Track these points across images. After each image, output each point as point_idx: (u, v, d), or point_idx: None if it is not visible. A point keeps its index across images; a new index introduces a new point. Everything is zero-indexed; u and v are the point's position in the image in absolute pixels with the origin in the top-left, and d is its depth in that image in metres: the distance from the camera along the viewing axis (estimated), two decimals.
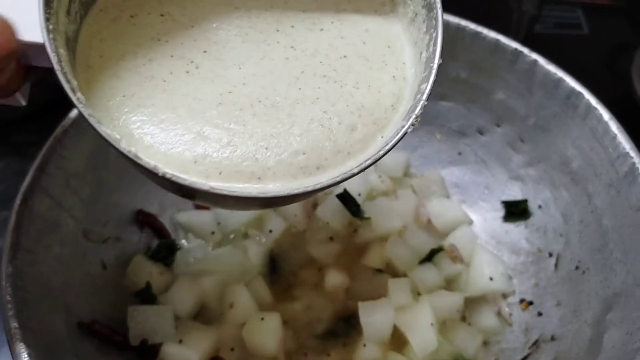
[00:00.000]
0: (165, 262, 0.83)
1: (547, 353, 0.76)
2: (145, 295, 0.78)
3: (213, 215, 0.88)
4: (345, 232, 0.86)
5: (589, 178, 0.77)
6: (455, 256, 0.84)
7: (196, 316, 0.79)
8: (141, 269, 0.80)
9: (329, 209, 0.86)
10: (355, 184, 0.87)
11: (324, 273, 0.83)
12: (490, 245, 0.88)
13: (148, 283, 0.78)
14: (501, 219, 0.89)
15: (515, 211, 0.87)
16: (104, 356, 0.71)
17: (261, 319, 0.76)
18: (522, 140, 0.86)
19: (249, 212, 0.87)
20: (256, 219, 0.87)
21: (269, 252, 0.85)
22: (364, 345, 0.77)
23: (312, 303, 0.81)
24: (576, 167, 0.79)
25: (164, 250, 0.84)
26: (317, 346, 0.79)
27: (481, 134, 0.91)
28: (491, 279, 0.82)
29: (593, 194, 0.76)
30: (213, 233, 0.86)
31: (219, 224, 0.87)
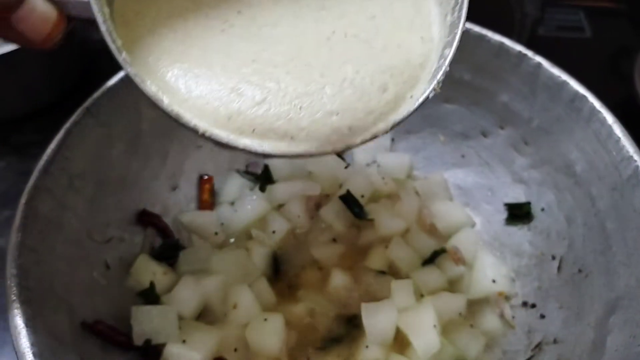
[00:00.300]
0: (169, 262, 0.83)
1: (550, 355, 0.76)
2: (149, 295, 0.78)
3: (216, 216, 0.88)
4: (348, 234, 0.87)
5: (593, 181, 0.77)
6: (458, 258, 0.84)
7: (199, 316, 0.79)
8: (145, 268, 0.80)
9: (332, 210, 0.87)
10: (358, 185, 0.87)
11: (327, 274, 0.84)
12: (493, 248, 0.88)
13: (152, 283, 0.78)
14: (504, 222, 0.89)
15: (519, 214, 0.87)
16: (107, 356, 0.71)
17: (264, 320, 0.77)
18: (526, 143, 0.86)
19: (252, 213, 0.87)
20: (259, 220, 0.87)
21: (272, 253, 0.85)
22: (367, 347, 0.77)
23: (315, 304, 0.81)
24: (580, 170, 0.79)
25: (168, 250, 0.84)
26: (320, 347, 0.79)
27: (485, 137, 0.91)
28: (494, 281, 0.82)
29: (596, 197, 0.77)
30: (216, 234, 0.86)
31: (223, 224, 0.88)
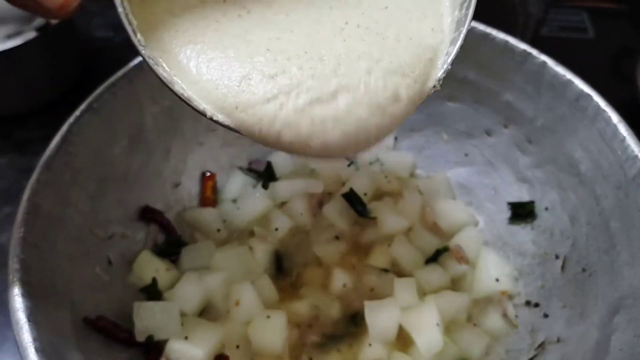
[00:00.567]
0: (172, 259, 0.83)
1: (553, 355, 0.75)
2: (151, 291, 0.78)
3: (219, 213, 0.88)
4: (351, 232, 0.87)
5: (597, 180, 0.77)
6: (461, 257, 0.84)
7: (202, 313, 0.79)
8: (147, 265, 0.80)
9: (334, 208, 0.86)
10: (361, 183, 0.87)
11: (330, 272, 0.83)
12: (497, 247, 0.88)
13: (154, 279, 0.78)
14: (507, 221, 0.89)
15: (522, 213, 0.87)
16: (109, 352, 0.71)
17: (267, 317, 0.76)
18: (530, 142, 0.86)
19: (254, 210, 0.87)
20: (262, 218, 0.87)
21: (274, 251, 0.85)
22: (370, 345, 0.76)
23: (318, 302, 0.81)
24: (584, 169, 0.79)
25: (171, 246, 0.84)
26: (322, 345, 0.78)
27: (488, 135, 0.91)
28: (497, 280, 0.82)
29: (601, 196, 0.76)
30: (219, 231, 0.86)
31: (225, 221, 0.87)
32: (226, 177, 0.93)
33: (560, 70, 0.79)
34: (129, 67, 0.79)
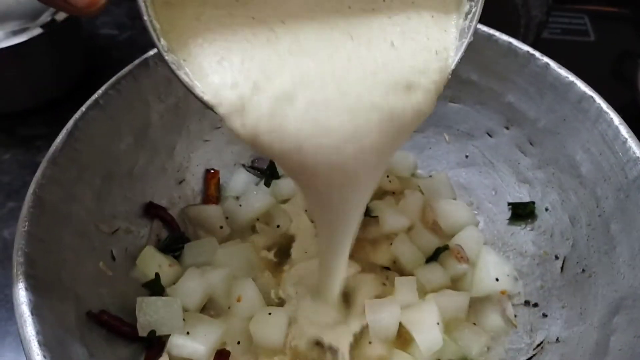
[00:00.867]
0: (175, 255, 0.83)
1: (552, 355, 0.76)
2: (154, 286, 0.78)
3: (221, 210, 0.88)
4: None
5: (598, 182, 0.77)
6: (461, 257, 0.84)
7: (203, 309, 0.79)
8: (151, 260, 0.80)
9: None
10: None
11: None
12: (497, 247, 0.88)
13: (157, 274, 0.78)
14: (508, 221, 0.89)
15: (522, 213, 0.87)
16: (111, 346, 0.71)
17: (269, 314, 0.77)
18: (531, 143, 0.86)
19: (257, 208, 0.87)
20: (264, 215, 0.88)
21: (276, 248, 0.85)
22: (370, 343, 0.77)
23: None
24: (585, 171, 0.79)
25: (174, 242, 0.84)
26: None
27: (490, 136, 0.91)
28: (497, 279, 0.82)
29: (601, 198, 0.76)
30: (222, 228, 0.87)
31: (227, 218, 0.88)
32: (230, 175, 0.93)
33: (563, 72, 0.80)
34: (134, 64, 0.79)
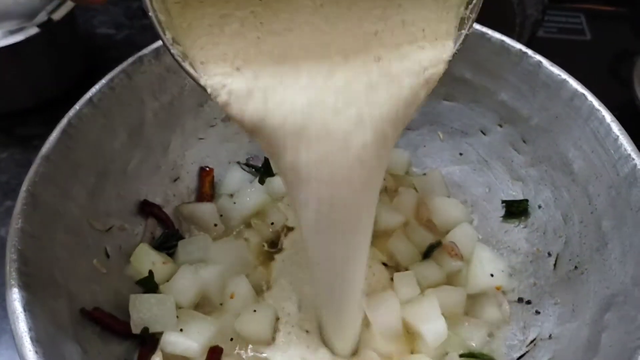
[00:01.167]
0: (169, 252, 0.83)
1: (545, 351, 0.76)
2: (148, 283, 0.78)
3: (216, 208, 0.89)
4: None
5: (590, 179, 0.77)
6: (455, 253, 0.84)
7: (197, 306, 0.79)
8: (144, 257, 0.80)
9: None
10: None
11: None
12: (490, 245, 0.88)
13: (151, 272, 0.79)
14: (501, 219, 0.90)
15: (516, 211, 0.87)
16: (105, 343, 0.72)
17: (253, 311, 0.77)
18: (525, 141, 0.87)
19: (251, 205, 0.88)
20: (258, 212, 0.88)
21: (270, 245, 0.86)
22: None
23: None
24: (577, 169, 0.79)
25: (168, 239, 0.84)
26: None
27: (484, 134, 0.91)
28: (492, 275, 0.82)
29: (593, 195, 0.77)
30: (216, 225, 0.87)
31: (222, 216, 0.88)
32: (224, 173, 0.93)
33: (555, 70, 0.80)
34: (128, 62, 0.79)
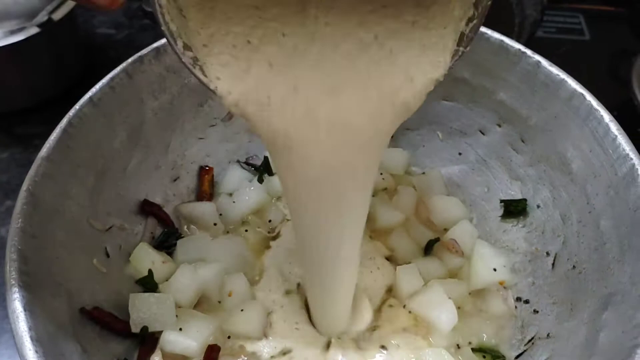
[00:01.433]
0: (169, 251, 0.84)
1: (543, 350, 0.76)
2: (147, 283, 0.79)
3: (215, 207, 0.89)
4: None
5: (588, 179, 0.77)
6: (456, 250, 0.85)
7: (196, 304, 0.80)
8: (144, 257, 0.80)
9: None
10: None
11: None
12: (489, 244, 0.88)
13: (150, 271, 0.79)
14: (500, 218, 0.90)
15: (514, 210, 0.88)
16: (105, 342, 0.72)
17: (241, 310, 0.78)
18: (523, 141, 0.87)
19: (250, 204, 0.88)
20: (258, 211, 0.89)
21: (268, 243, 0.86)
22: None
23: None
24: (576, 168, 0.79)
25: (168, 238, 0.85)
26: None
27: (483, 134, 0.91)
28: (494, 270, 0.83)
29: (592, 195, 0.77)
30: (215, 224, 0.87)
31: (221, 215, 0.88)
32: (224, 172, 0.94)
33: (554, 69, 0.80)
34: (128, 62, 0.79)
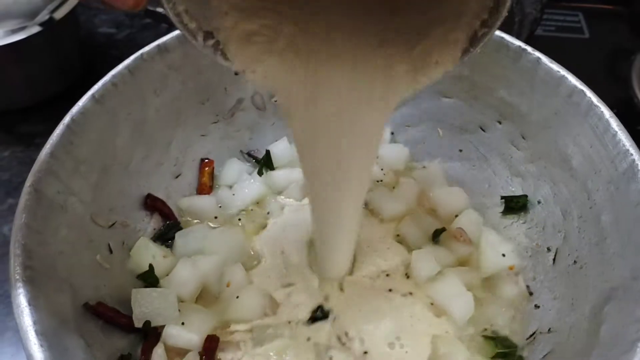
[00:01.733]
0: (170, 244, 0.84)
1: (544, 345, 0.76)
2: (148, 277, 0.79)
3: (215, 200, 0.89)
4: None
5: (589, 175, 0.77)
6: (464, 239, 0.85)
7: (198, 297, 0.80)
8: (144, 251, 0.81)
9: None
10: None
11: None
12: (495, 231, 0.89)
13: (151, 266, 0.79)
14: (500, 215, 0.90)
15: (515, 206, 0.88)
16: (108, 337, 0.72)
17: (236, 298, 0.78)
18: (524, 137, 0.87)
19: (249, 196, 0.89)
20: (258, 203, 0.90)
21: (265, 223, 0.88)
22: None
23: None
24: (576, 164, 0.80)
25: (169, 231, 0.85)
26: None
27: (483, 131, 0.92)
28: (504, 255, 0.84)
29: (592, 190, 0.77)
30: (216, 218, 0.88)
31: (220, 207, 0.89)
32: (224, 165, 0.94)
33: (554, 66, 0.80)
34: (131, 59, 0.80)
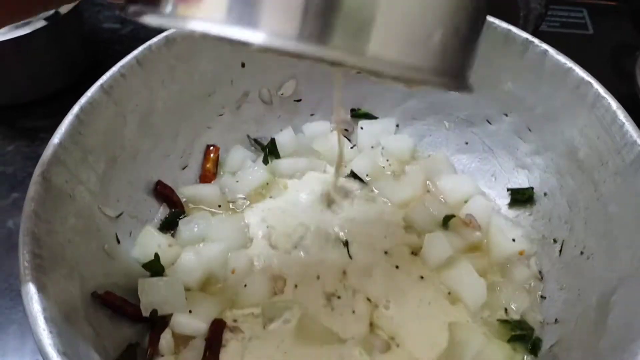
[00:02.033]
0: (174, 234, 0.85)
1: (551, 335, 0.77)
2: (154, 266, 0.79)
3: (218, 187, 0.90)
4: None
5: (595, 166, 0.77)
6: (474, 226, 0.85)
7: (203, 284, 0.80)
8: (150, 240, 0.81)
9: None
10: (363, 164, 0.90)
11: None
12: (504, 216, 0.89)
13: (156, 254, 0.79)
14: (507, 207, 0.90)
15: (521, 198, 0.88)
16: (116, 326, 0.72)
17: (244, 286, 0.78)
18: (530, 129, 0.87)
19: (253, 182, 0.89)
20: (261, 187, 0.90)
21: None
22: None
23: None
24: (583, 156, 0.79)
25: (176, 218, 0.85)
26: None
27: (489, 123, 0.92)
28: (513, 240, 0.84)
29: (599, 182, 0.77)
30: (220, 206, 0.88)
31: (224, 193, 0.89)
32: (228, 152, 0.94)
33: (562, 58, 0.80)
34: (139, 50, 0.80)
